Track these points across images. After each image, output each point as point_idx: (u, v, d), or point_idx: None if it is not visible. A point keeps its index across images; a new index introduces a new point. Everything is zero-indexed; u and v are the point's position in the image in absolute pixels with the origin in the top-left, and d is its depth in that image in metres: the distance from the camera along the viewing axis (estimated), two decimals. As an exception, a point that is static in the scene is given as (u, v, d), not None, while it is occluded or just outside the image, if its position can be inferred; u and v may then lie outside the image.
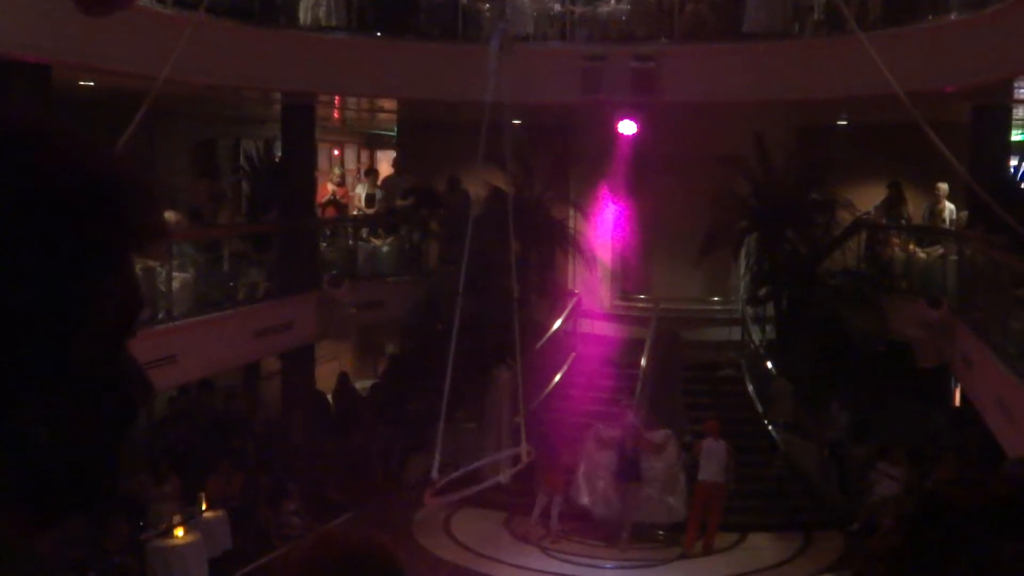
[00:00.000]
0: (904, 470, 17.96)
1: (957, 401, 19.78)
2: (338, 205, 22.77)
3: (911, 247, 20.70)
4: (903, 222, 21.31)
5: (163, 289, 15.91)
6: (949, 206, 20.44)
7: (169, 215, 16.86)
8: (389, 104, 24.11)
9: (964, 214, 19.54)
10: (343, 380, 23.15)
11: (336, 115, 25.84)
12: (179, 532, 15.92)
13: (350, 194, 23.30)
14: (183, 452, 18.21)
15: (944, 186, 20.28)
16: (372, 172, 25.44)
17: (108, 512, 15.26)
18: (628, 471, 17.97)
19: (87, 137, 1.08)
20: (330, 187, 22.64)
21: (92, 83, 17.15)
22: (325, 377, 22.62)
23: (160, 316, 15.82)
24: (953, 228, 20.10)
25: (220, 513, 16.98)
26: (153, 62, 12.84)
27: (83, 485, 1.10)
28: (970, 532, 0.87)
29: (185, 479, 17.08)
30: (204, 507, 16.82)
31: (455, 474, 15.63)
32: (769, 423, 20.21)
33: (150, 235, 1.13)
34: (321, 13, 19.32)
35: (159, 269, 15.85)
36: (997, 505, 0.88)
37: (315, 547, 1.62)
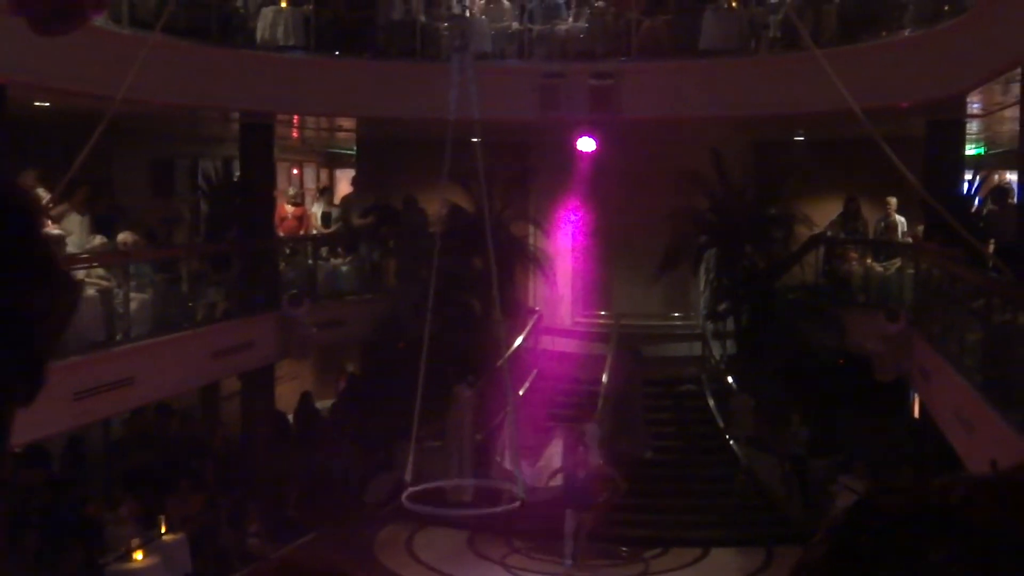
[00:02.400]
0: (865, 483, 18.05)
1: (916, 413, 19.91)
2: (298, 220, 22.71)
3: (868, 261, 20.87)
4: (860, 236, 21.47)
5: (120, 310, 15.78)
6: (900, 219, 20.64)
7: (125, 236, 16.75)
8: (348, 123, 24.10)
9: (920, 228, 19.71)
10: (305, 399, 23.05)
11: (295, 134, 25.78)
12: (138, 555, 15.75)
13: (308, 213, 23.23)
14: (140, 474, 18.04)
15: (893, 200, 20.49)
16: (327, 191, 25.41)
17: (64, 536, 15.13)
18: (578, 499, 17.74)
19: None
20: (287, 207, 22.56)
21: (48, 103, 17.02)
22: (285, 397, 22.52)
23: (118, 337, 15.68)
24: (908, 241, 20.28)
25: (180, 536, 16.82)
26: (110, 82, 12.77)
27: None
28: (898, 541, 0.88)
29: (143, 501, 16.92)
30: (163, 530, 16.67)
31: (429, 485, 15.43)
32: (730, 438, 20.28)
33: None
34: (279, 32, 19.28)
35: (116, 290, 15.73)
36: (924, 513, 0.89)
37: (273, 574, 1.60)
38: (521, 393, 21.21)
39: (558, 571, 17.74)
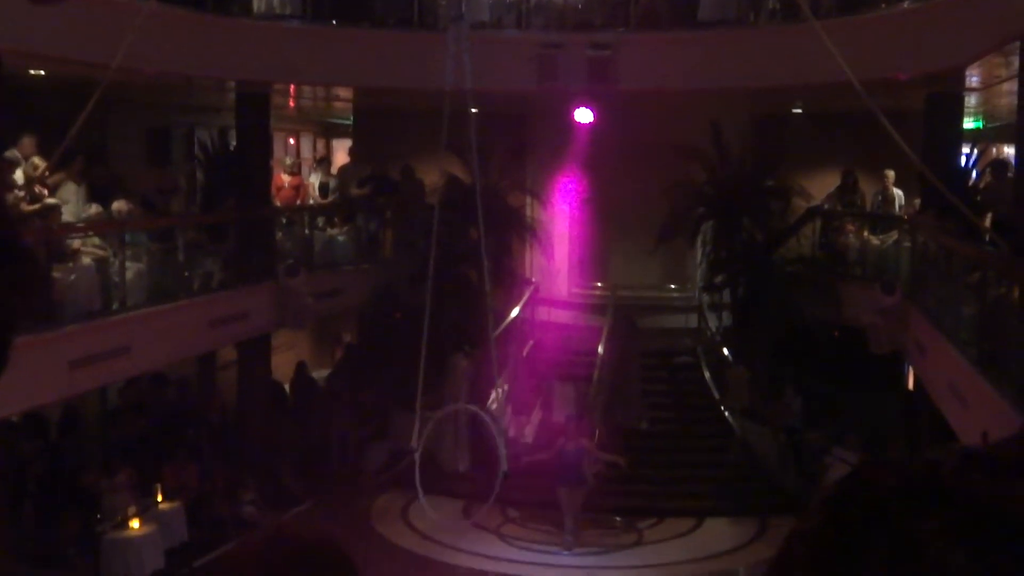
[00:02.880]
0: (859, 455, 18.11)
1: (910, 386, 19.96)
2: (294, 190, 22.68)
3: (865, 234, 20.87)
4: (857, 209, 21.48)
5: (116, 279, 15.77)
6: (897, 192, 20.65)
7: (121, 205, 16.72)
8: (345, 92, 24.02)
9: (917, 201, 19.71)
10: (301, 369, 23.09)
11: (291, 104, 25.71)
12: (135, 524, 15.83)
13: (304, 183, 23.19)
14: (137, 443, 18.09)
15: (891, 173, 20.49)
16: (324, 161, 25.36)
17: (60, 504, 15.19)
18: (569, 475, 17.63)
19: None
20: (284, 177, 22.52)
21: (43, 72, 16.97)
22: (282, 367, 22.54)
23: (114, 307, 15.68)
24: (903, 214, 20.29)
25: (176, 504, 16.90)
26: (105, 51, 12.73)
27: None
28: (889, 512, 0.88)
29: (140, 470, 16.98)
30: (159, 498, 16.73)
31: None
32: (726, 409, 20.33)
33: None
34: (275, 1, 19.21)
35: (112, 259, 15.72)
36: (916, 485, 0.89)
37: (266, 546, 1.60)
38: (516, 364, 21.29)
39: (553, 540, 17.82)
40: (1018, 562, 0.83)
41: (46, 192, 15.47)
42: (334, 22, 19.84)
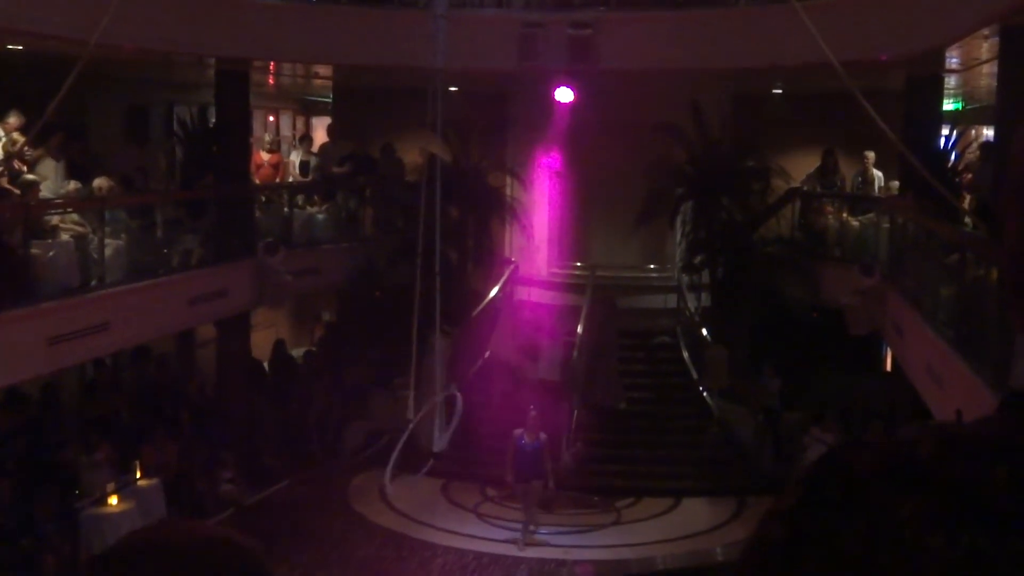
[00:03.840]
0: (836, 436, 18.19)
1: (888, 367, 20.05)
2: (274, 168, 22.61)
3: (844, 215, 20.92)
4: (836, 190, 21.52)
5: (96, 256, 15.69)
6: (877, 173, 20.69)
7: (100, 181, 16.63)
8: (325, 70, 23.93)
9: (895, 184, 19.76)
10: (279, 348, 23.04)
11: (271, 81, 25.60)
12: (113, 500, 15.80)
13: (284, 161, 23.10)
14: (115, 420, 18.04)
15: (871, 154, 20.54)
16: (306, 139, 25.26)
17: (39, 480, 15.14)
18: (527, 470, 17.10)
19: None
20: (263, 155, 22.42)
21: (21, 47, 16.85)
22: (261, 344, 22.50)
23: (93, 283, 15.61)
24: (882, 195, 20.34)
25: (155, 481, 16.86)
26: (84, 27, 12.65)
27: None
28: (866, 494, 0.89)
29: (119, 447, 16.94)
30: (139, 475, 16.70)
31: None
32: (704, 390, 20.40)
33: None
34: (255, -23, 19.10)
35: (91, 236, 15.65)
36: (893, 467, 0.90)
37: (126, 547, 1.51)
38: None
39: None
40: (995, 545, 0.83)
41: (25, 168, 15.38)
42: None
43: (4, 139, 15.27)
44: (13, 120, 15.38)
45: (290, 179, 22.77)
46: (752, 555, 0.92)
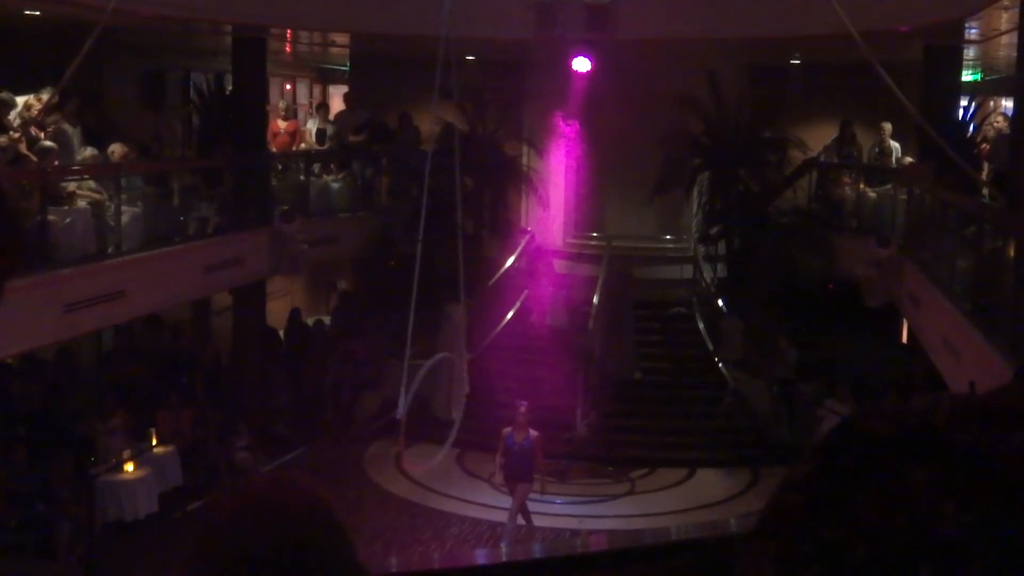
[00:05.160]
0: (851, 407, 18.18)
1: (904, 339, 20.01)
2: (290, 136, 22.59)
3: (861, 186, 20.86)
4: (854, 162, 21.44)
5: (112, 223, 15.73)
6: (894, 144, 20.60)
7: (117, 147, 16.64)
8: (341, 38, 23.88)
9: (907, 160, 19.70)
10: (295, 316, 23.10)
11: (288, 49, 25.57)
12: (129, 467, 15.91)
13: (300, 129, 23.09)
14: (131, 387, 18.14)
15: (888, 125, 20.44)
16: (323, 107, 25.24)
17: (52, 446, 15.24)
18: (516, 471, 16.17)
19: None
20: (280, 123, 22.42)
21: (38, 12, 16.84)
22: (276, 313, 22.57)
23: (109, 251, 15.64)
24: (899, 167, 20.27)
25: (170, 448, 16.97)
26: (101, -8, 12.62)
27: None
28: (881, 461, 0.89)
29: (134, 414, 17.03)
30: (154, 442, 16.81)
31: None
32: (719, 361, 20.40)
33: None
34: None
35: (108, 203, 15.68)
36: (908, 434, 0.90)
37: (235, 506, 1.57)
38: (511, 313, 21.32)
39: (545, 488, 17.80)
40: (1007, 512, 0.83)
41: (43, 135, 15.40)
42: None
43: (19, 107, 15.28)
44: (46, 96, 15.39)
45: (303, 147, 22.77)
46: (768, 523, 0.93)
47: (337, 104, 26.03)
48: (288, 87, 29.04)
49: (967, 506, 0.84)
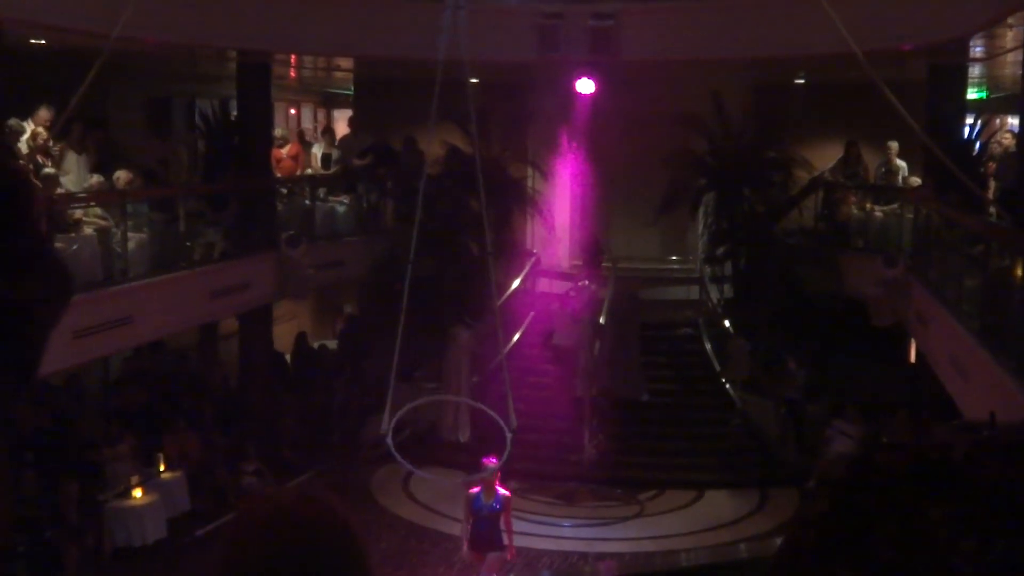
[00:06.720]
0: (859, 428, 18.13)
1: (912, 359, 19.96)
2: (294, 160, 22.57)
3: (868, 205, 20.84)
4: (860, 181, 21.42)
5: (118, 250, 15.76)
6: (901, 164, 20.60)
7: (123, 174, 16.68)
8: (346, 63, 23.93)
9: (915, 180, 19.69)
10: (301, 340, 23.09)
11: (292, 74, 25.63)
12: (137, 493, 15.90)
13: (303, 152, 23.10)
14: (138, 412, 18.13)
15: (895, 144, 20.45)
16: (328, 132, 25.27)
17: (60, 472, 15.23)
18: (484, 537, 13.98)
19: None
20: (280, 151, 22.36)
21: (43, 41, 16.90)
22: (283, 337, 22.56)
23: (115, 277, 15.67)
24: (906, 186, 20.25)
25: (178, 474, 16.95)
26: (105, 20, 12.67)
27: None
28: (897, 497, 0.88)
29: (142, 439, 17.03)
30: (162, 467, 16.79)
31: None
32: (726, 381, 20.36)
33: None
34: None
35: (114, 229, 15.70)
36: (926, 471, 0.89)
37: (263, 520, 1.58)
38: (518, 336, 21.28)
39: (552, 511, 17.78)
40: None
41: (49, 163, 15.44)
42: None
43: (27, 134, 15.33)
44: (43, 114, 15.44)
45: (308, 171, 22.77)
46: (783, 561, 0.91)
47: (342, 128, 26.07)
48: (293, 112, 29.10)
49: (988, 544, 0.82)
